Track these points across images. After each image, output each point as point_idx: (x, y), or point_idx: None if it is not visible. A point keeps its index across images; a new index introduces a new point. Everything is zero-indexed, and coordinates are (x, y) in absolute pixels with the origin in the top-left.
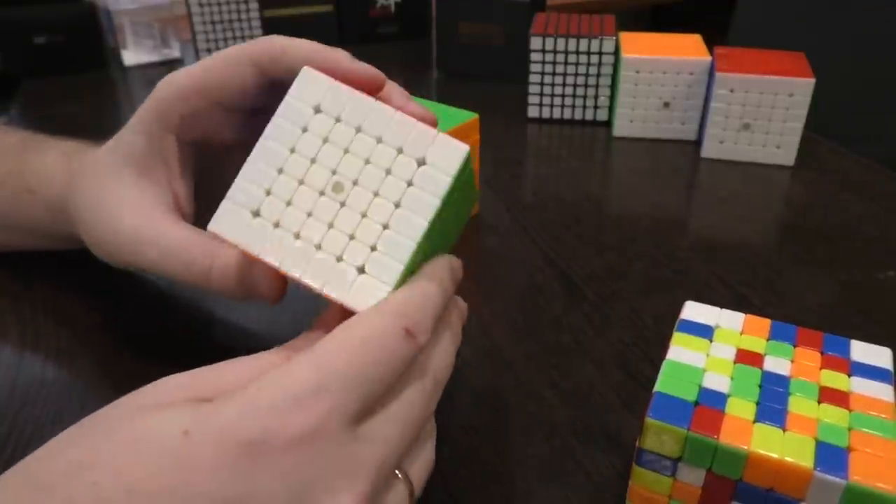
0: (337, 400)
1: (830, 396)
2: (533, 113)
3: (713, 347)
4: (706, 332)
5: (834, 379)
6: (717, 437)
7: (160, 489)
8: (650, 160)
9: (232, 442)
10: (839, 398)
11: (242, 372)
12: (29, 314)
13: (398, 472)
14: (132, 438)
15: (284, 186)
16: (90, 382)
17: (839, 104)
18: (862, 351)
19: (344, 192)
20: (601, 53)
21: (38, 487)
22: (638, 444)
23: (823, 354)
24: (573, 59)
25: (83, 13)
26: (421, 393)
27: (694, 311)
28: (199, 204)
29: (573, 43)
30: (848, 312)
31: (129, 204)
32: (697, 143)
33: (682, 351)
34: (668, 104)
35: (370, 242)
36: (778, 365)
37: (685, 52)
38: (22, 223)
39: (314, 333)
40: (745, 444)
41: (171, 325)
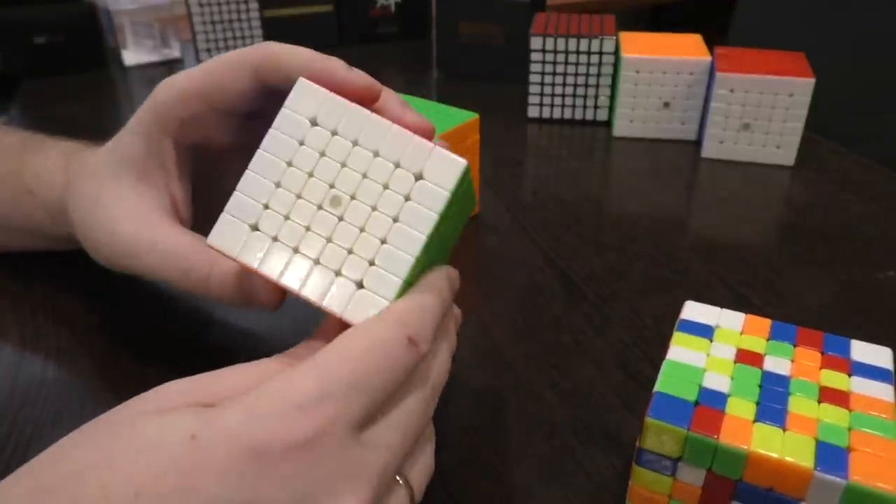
0: (341, 407)
1: (830, 396)
2: (533, 113)
3: (713, 347)
4: (706, 331)
5: (834, 379)
6: (717, 436)
7: (168, 492)
8: (650, 160)
9: (239, 446)
10: (839, 398)
11: (244, 378)
12: (29, 314)
13: (399, 477)
14: (138, 442)
15: (282, 200)
16: (90, 383)
17: (839, 104)
18: (862, 351)
19: (342, 206)
20: (601, 53)
21: (44, 490)
22: (638, 443)
23: (823, 354)
24: (573, 59)
25: (83, 13)
26: (421, 400)
27: (694, 310)
28: (196, 208)
29: (573, 43)
30: (848, 312)
31: (126, 207)
32: (697, 143)
33: (682, 351)
34: (668, 104)
35: (368, 257)
36: (778, 365)
37: (685, 52)
38: (21, 224)
39: (315, 342)
40: (745, 443)
41: (171, 325)
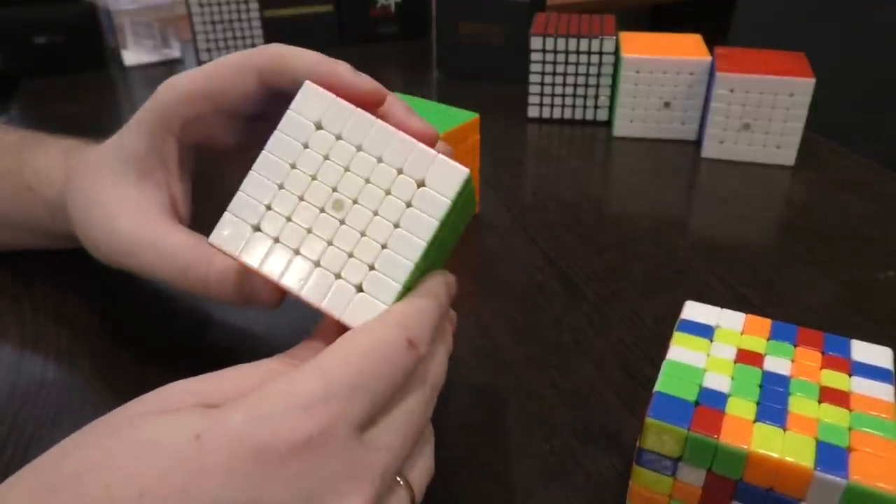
0: (344, 407)
1: (831, 396)
2: (533, 113)
3: (713, 347)
4: (706, 331)
5: (834, 379)
6: (717, 436)
7: (172, 492)
8: (650, 160)
9: (244, 446)
10: (839, 398)
11: (246, 379)
12: (29, 314)
13: (399, 478)
14: (142, 442)
15: (285, 202)
16: (90, 383)
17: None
18: (862, 351)
19: (344, 210)
20: (601, 53)
21: (47, 490)
22: (638, 443)
23: (824, 354)
24: (573, 59)
25: (83, 13)
26: (420, 401)
27: (694, 310)
28: (196, 207)
29: (573, 43)
30: (848, 312)
31: (126, 205)
32: (697, 143)
33: (682, 351)
34: (668, 104)
35: (369, 261)
36: (778, 365)
37: (685, 52)
38: (22, 221)
39: (315, 342)
40: (745, 443)
41: (171, 325)
